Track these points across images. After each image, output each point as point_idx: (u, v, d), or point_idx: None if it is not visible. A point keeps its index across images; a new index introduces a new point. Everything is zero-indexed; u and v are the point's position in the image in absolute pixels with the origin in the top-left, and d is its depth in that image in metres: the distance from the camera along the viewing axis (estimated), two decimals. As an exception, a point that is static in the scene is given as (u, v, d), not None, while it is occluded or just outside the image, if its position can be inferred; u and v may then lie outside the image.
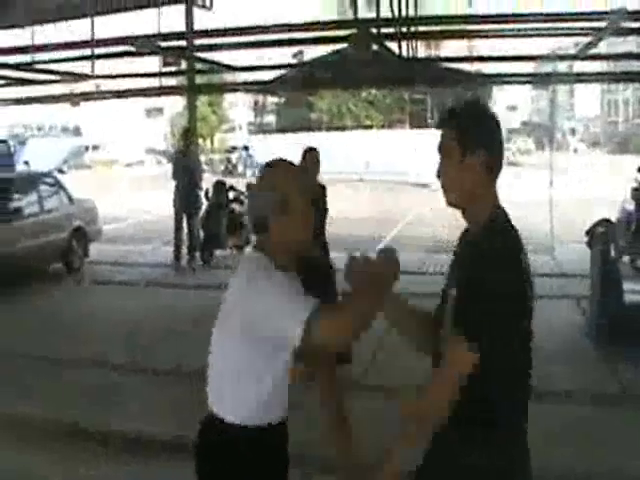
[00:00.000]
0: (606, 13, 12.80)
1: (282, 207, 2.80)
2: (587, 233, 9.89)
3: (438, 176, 2.68)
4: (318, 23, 19.63)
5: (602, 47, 16.63)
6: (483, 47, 37.33)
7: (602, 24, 12.88)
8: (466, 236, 2.74)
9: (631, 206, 13.74)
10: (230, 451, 2.84)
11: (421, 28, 13.90)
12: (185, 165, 14.29)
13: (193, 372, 4.98)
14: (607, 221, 9.77)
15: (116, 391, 7.26)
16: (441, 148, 2.66)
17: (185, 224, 14.26)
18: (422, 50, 18.48)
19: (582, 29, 13.97)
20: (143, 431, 6.23)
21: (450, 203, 2.68)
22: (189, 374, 6.78)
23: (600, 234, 9.27)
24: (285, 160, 2.97)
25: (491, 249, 2.50)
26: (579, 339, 9.01)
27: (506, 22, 14.44)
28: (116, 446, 6.02)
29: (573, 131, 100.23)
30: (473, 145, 2.57)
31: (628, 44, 53.63)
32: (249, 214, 3.01)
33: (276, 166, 2.95)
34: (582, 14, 13.86)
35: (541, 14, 14.14)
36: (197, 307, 9.58)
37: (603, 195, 21.77)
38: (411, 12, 12.28)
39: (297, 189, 2.85)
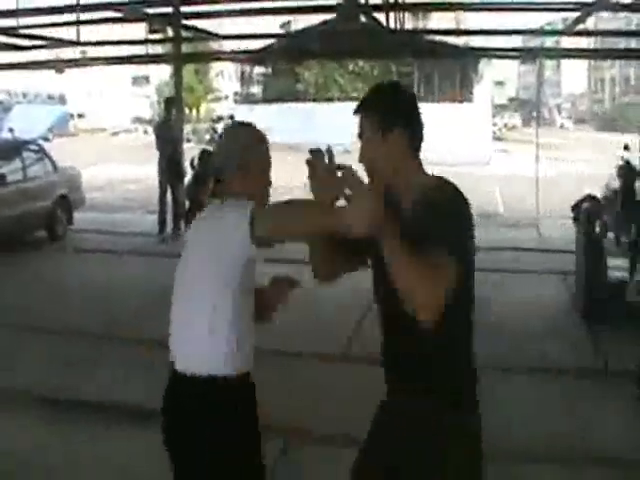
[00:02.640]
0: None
1: (242, 160, 2.87)
2: (573, 209, 9.91)
3: (360, 161, 2.72)
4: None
5: (590, 24, 16.60)
6: (471, 20, 37.26)
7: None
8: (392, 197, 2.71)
9: (616, 183, 13.75)
10: (199, 404, 2.83)
11: (409, 0, 13.82)
12: (168, 135, 14.23)
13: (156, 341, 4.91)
14: (593, 198, 9.78)
15: (86, 359, 7.23)
16: (361, 134, 2.72)
17: (169, 193, 14.20)
18: (409, 22, 18.39)
19: (571, 4, 13.94)
20: (108, 399, 6.21)
21: (378, 182, 2.69)
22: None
23: (585, 210, 9.28)
24: (248, 125, 3.05)
25: (435, 201, 2.54)
26: (564, 314, 9.04)
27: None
28: (83, 413, 5.99)
29: (559, 108, 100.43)
30: (390, 123, 2.64)
31: (617, 21, 53.72)
32: (211, 164, 3.04)
33: (240, 132, 3.05)
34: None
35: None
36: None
37: (589, 172, 21.81)
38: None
39: (258, 154, 2.94)
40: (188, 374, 2.84)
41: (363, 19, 13.47)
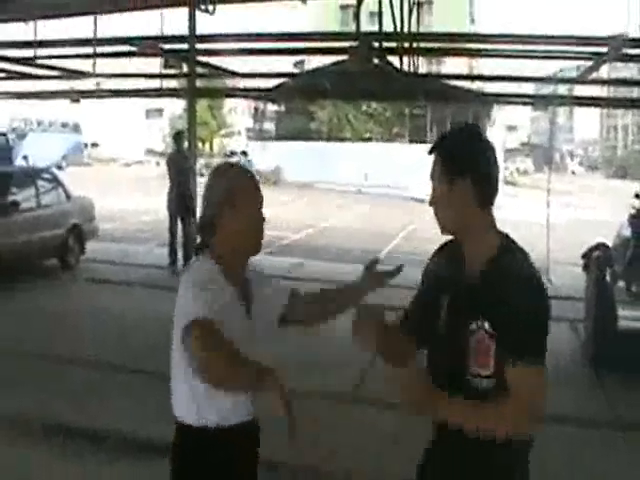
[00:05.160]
0: (608, 39, 12.81)
1: (230, 208, 2.82)
2: (583, 256, 9.88)
3: (431, 204, 2.66)
4: (320, 34, 19.67)
5: (604, 72, 16.67)
6: (485, 66, 37.54)
7: (604, 49, 12.92)
8: (457, 256, 2.68)
9: (628, 232, 13.73)
10: (191, 453, 2.82)
11: (423, 44, 13.90)
12: (180, 167, 14.31)
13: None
14: (604, 245, 9.76)
15: (93, 389, 7.23)
16: (432, 175, 2.63)
17: (180, 225, 14.24)
18: (423, 66, 18.50)
19: (584, 53, 14.01)
20: (111, 429, 6.21)
21: (444, 230, 2.66)
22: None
23: (596, 258, 9.26)
24: (235, 164, 3.09)
25: (520, 273, 2.49)
26: (573, 363, 8.99)
27: (509, 42, 14.46)
28: (83, 443, 5.98)
29: (572, 154, 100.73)
30: (461, 171, 2.54)
31: (629, 70, 54.00)
32: (200, 213, 2.97)
33: (226, 169, 3.05)
34: (585, 38, 13.87)
35: (544, 36, 14.12)
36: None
37: (600, 219, 21.79)
38: (413, 28, 12.29)
39: (247, 194, 2.88)
40: (179, 421, 2.88)
41: (376, 61, 13.55)
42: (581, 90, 21.34)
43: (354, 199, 30.80)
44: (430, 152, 2.65)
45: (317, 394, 7.00)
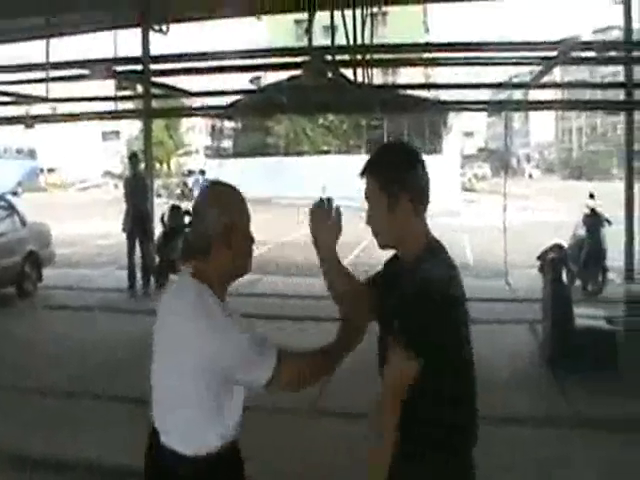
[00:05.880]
0: (558, 42, 13.03)
1: (227, 231, 2.77)
2: (539, 258, 10.01)
3: (368, 223, 2.75)
4: (274, 50, 19.76)
5: (557, 75, 16.92)
6: (440, 74, 37.87)
7: (554, 53, 13.12)
8: (395, 265, 2.83)
9: (582, 231, 13.94)
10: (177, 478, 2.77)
11: (377, 55, 14.00)
12: (137, 189, 14.29)
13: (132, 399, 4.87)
14: (559, 246, 9.90)
15: (56, 417, 7.15)
16: (367, 196, 2.71)
17: (138, 248, 14.20)
18: (378, 77, 18.64)
19: (534, 58, 14.22)
20: (80, 457, 6.14)
21: (383, 246, 2.77)
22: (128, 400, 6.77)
23: (552, 259, 9.38)
24: (229, 184, 2.94)
25: (426, 280, 2.56)
26: (531, 364, 9.09)
27: (462, 50, 14.63)
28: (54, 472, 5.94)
29: (528, 157, 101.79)
30: (396, 190, 2.63)
31: (582, 73, 54.75)
32: (191, 235, 2.90)
33: (221, 189, 2.93)
34: (535, 43, 14.08)
35: (495, 43, 14.36)
36: (150, 333, 9.46)
37: (557, 220, 22.05)
38: (367, 40, 12.38)
39: (241, 214, 2.85)
40: (169, 449, 2.82)
41: (330, 74, 13.62)
42: (535, 94, 21.61)
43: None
44: (362, 175, 2.73)
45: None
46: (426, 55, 17.24)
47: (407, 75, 38.30)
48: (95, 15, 14.73)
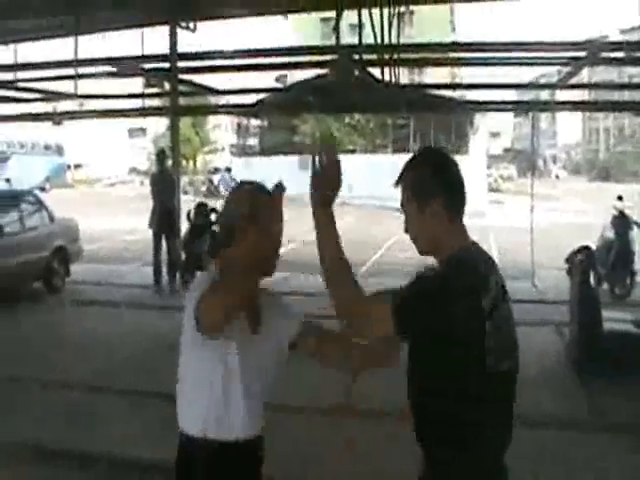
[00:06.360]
0: (586, 43, 12.95)
1: (246, 223, 2.78)
2: (567, 260, 9.93)
3: (405, 231, 2.76)
4: (301, 48, 19.76)
5: (585, 76, 16.83)
6: (467, 74, 37.64)
7: (583, 53, 13.05)
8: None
9: (611, 234, 13.83)
10: (196, 465, 2.83)
11: (404, 55, 13.97)
12: (163, 186, 14.33)
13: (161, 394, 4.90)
14: (587, 248, 9.81)
15: (83, 412, 7.19)
16: (403, 204, 2.73)
17: (164, 245, 14.25)
18: (405, 76, 18.61)
19: (563, 58, 14.14)
20: (106, 451, 6.19)
21: (422, 253, 2.76)
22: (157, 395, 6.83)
23: (580, 261, 9.31)
24: (259, 184, 2.99)
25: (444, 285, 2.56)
26: (557, 366, 9.03)
27: (488, 50, 14.57)
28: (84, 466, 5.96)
29: (555, 158, 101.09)
30: (426, 196, 2.64)
31: (610, 73, 54.33)
32: (218, 231, 3.00)
33: (248, 187, 2.99)
34: (564, 44, 14.00)
35: (522, 43, 14.24)
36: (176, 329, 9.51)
37: (584, 222, 21.90)
38: (394, 39, 12.35)
39: (264, 211, 2.84)
40: (184, 433, 2.90)
41: (357, 73, 13.59)
42: (562, 95, 21.48)
43: (339, 211, 30.52)
44: (396, 185, 2.75)
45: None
46: (452, 55, 17.20)
47: (433, 75, 38.13)
48: (124, 13, 14.78)
